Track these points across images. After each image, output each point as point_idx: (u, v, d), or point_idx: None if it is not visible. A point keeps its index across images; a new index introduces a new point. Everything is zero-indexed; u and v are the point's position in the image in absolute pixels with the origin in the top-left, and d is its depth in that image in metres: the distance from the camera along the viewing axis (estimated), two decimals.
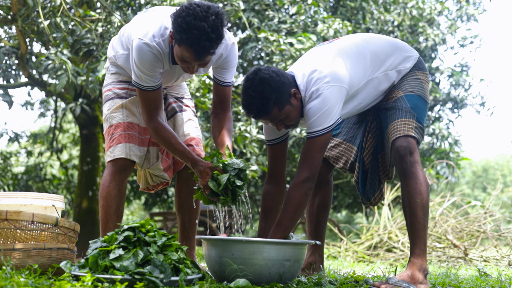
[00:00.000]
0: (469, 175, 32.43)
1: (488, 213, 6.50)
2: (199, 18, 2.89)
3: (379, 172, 3.59)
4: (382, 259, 6.14)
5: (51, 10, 6.33)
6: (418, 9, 10.71)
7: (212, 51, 2.99)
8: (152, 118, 3.32)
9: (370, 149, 3.55)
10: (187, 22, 2.90)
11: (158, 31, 3.18)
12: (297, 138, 7.84)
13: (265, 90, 3.08)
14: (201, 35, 2.90)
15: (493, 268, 4.76)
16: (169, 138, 3.31)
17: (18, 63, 7.28)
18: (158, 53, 3.18)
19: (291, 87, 3.18)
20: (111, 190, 3.45)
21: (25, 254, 2.90)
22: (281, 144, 3.47)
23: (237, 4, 7.35)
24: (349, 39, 3.45)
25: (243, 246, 2.86)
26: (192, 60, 3.04)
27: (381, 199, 3.66)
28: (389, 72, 3.38)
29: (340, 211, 14.38)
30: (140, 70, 3.20)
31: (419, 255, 3.16)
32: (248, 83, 3.12)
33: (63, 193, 13.03)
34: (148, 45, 3.15)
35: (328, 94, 3.14)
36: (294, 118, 3.24)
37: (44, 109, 13.23)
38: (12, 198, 3.41)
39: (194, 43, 2.93)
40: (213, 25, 2.92)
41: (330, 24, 7.89)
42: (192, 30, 2.90)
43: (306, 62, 3.32)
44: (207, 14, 2.91)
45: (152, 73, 3.22)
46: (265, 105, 3.10)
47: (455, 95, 11.98)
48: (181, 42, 2.97)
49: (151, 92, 3.27)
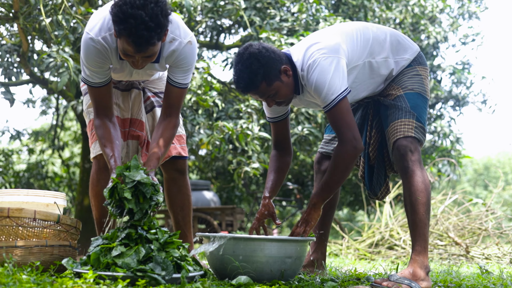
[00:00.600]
0: (471, 173, 32.42)
1: (489, 210, 6.50)
2: (136, 7, 2.70)
3: (385, 166, 3.59)
4: (384, 257, 6.14)
5: (53, 7, 6.33)
6: (420, 6, 10.70)
7: (153, 41, 2.79)
8: (97, 115, 3.21)
9: (375, 144, 3.55)
10: (123, 11, 2.71)
11: (106, 23, 3.02)
12: (299, 136, 7.84)
13: (253, 64, 3.08)
14: (138, 24, 2.71)
15: (495, 266, 4.76)
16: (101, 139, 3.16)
17: (19, 61, 7.28)
18: (103, 48, 3.03)
19: (281, 63, 3.17)
20: (100, 189, 3.43)
21: (27, 251, 2.91)
22: (283, 121, 3.50)
23: (238, 3, 7.34)
24: (350, 24, 3.46)
25: (244, 243, 2.87)
26: (133, 52, 2.85)
27: (387, 193, 3.66)
28: (389, 60, 3.37)
29: (341, 208, 14.39)
30: (85, 66, 3.08)
31: (421, 253, 3.16)
32: (238, 58, 3.13)
33: (65, 191, 13.04)
34: (92, 40, 3.00)
35: (326, 64, 3.13)
36: (284, 95, 3.23)
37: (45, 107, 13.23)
38: (14, 196, 3.42)
39: (131, 33, 2.74)
40: (152, 14, 2.72)
41: (332, 22, 7.88)
42: (129, 19, 2.70)
43: (303, 41, 3.34)
44: (145, 2, 2.72)
45: (97, 69, 3.09)
46: (252, 79, 3.09)
47: (457, 93, 11.98)
48: (120, 34, 2.78)
49: (97, 88, 3.16)
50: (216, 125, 6.82)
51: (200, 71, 6.86)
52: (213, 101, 7.08)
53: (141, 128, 3.52)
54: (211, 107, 7.17)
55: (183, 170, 3.69)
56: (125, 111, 3.51)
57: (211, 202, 10.59)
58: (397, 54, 3.41)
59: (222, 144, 6.85)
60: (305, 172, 12.80)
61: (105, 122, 3.20)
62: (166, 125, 3.24)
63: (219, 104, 7.22)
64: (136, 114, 3.54)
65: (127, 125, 3.50)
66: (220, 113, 7.85)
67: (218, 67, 7.71)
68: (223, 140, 6.82)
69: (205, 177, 13.51)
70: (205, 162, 10.34)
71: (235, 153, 8.14)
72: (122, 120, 3.49)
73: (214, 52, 10.68)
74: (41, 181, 12.49)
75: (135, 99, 3.54)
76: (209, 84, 6.88)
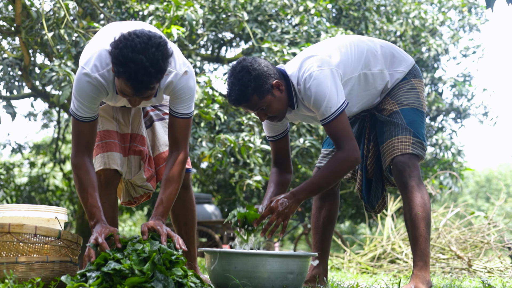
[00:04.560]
0: (472, 185, 32.35)
1: (491, 223, 6.47)
2: (137, 51, 2.66)
3: (383, 180, 3.59)
4: (386, 271, 6.11)
5: (55, 21, 6.35)
6: (421, 19, 10.73)
7: (152, 86, 2.76)
8: (77, 153, 3.08)
9: (373, 157, 3.55)
10: (124, 55, 2.66)
11: (104, 59, 2.94)
12: (300, 149, 7.84)
13: (245, 77, 3.12)
14: (138, 69, 2.67)
15: (497, 280, 4.74)
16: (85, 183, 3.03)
17: (21, 75, 7.30)
18: (99, 85, 2.97)
19: (274, 78, 3.20)
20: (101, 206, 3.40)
21: (28, 267, 2.90)
22: (282, 139, 3.53)
23: (241, 15, 7.37)
24: (344, 37, 3.49)
25: (246, 258, 2.86)
26: (131, 94, 2.82)
27: (384, 207, 3.67)
28: (384, 72, 3.39)
29: (343, 221, 14.35)
30: (77, 100, 2.99)
31: (422, 268, 3.15)
32: (231, 71, 3.18)
33: (66, 204, 13.02)
34: (88, 76, 2.94)
35: (322, 77, 3.16)
36: (276, 109, 3.25)
37: (47, 120, 13.24)
38: (15, 211, 3.40)
39: (131, 77, 2.70)
40: (153, 58, 2.68)
41: (333, 34, 7.90)
42: (129, 63, 2.66)
43: (298, 56, 3.38)
44: (147, 46, 2.68)
45: (89, 104, 3.01)
46: (243, 92, 3.13)
47: (458, 105, 11.98)
48: (119, 75, 2.74)
49: (86, 123, 3.06)
50: (218, 138, 6.82)
51: (202, 84, 6.87)
52: (215, 114, 7.09)
53: (142, 143, 3.50)
54: (213, 120, 7.17)
55: (186, 184, 3.65)
56: (124, 127, 3.47)
57: (212, 215, 10.56)
58: (391, 66, 3.42)
59: (224, 157, 6.85)
60: None
61: (87, 164, 3.07)
62: (173, 161, 3.16)
63: (221, 116, 7.23)
64: (137, 129, 3.51)
65: (127, 141, 3.47)
66: (222, 126, 7.86)
67: (220, 81, 7.72)
68: (225, 153, 6.82)
69: (207, 190, 13.48)
70: (207, 175, 10.33)
71: (237, 166, 8.13)
72: (122, 135, 3.45)
73: (216, 65, 10.70)
74: (42, 194, 12.47)
75: (135, 115, 3.51)
76: (211, 97, 6.89)
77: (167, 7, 6.61)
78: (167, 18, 6.55)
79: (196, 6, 6.70)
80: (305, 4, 8.31)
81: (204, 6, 7.45)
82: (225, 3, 7.47)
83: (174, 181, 3.12)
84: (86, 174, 3.05)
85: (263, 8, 8.15)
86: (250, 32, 7.46)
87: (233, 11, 7.42)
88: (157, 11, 6.81)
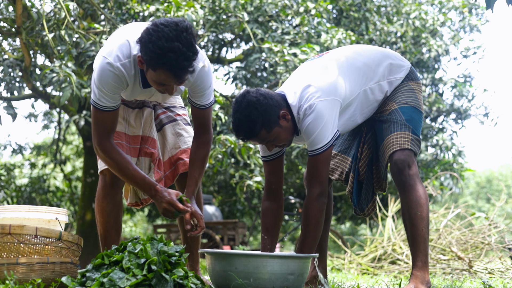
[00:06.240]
0: (473, 186, 32.35)
1: (492, 224, 6.47)
2: (171, 39, 2.74)
3: (373, 183, 3.59)
4: (386, 272, 6.11)
5: (56, 23, 6.36)
6: (421, 20, 10.73)
7: (192, 69, 2.86)
8: (102, 139, 3.15)
9: (365, 160, 3.55)
10: (160, 46, 2.74)
11: (125, 51, 3.01)
12: (301, 149, 7.84)
13: (252, 113, 3.08)
14: (178, 57, 2.75)
15: (498, 281, 4.73)
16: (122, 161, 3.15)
17: (22, 76, 7.31)
18: (121, 74, 3.01)
19: (280, 109, 3.18)
20: (105, 206, 3.39)
21: (28, 268, 2.90)
22: (277, 159, 3.46)
23: (241, 16, 7.37)
24: (340, 52, 3.46)
25: (246, 260, 2.86)
26: (171, 82, 2.90)
27: (373, 210, 3.67)
28: (382, 83, 3.38)
29: (343, 222, 14.35)
30: (99, 90, 3.04)
31: (421, 268, 3.15)
32: (236, 106, 3.14)
33: (67, 205, 13.03)
34: (111, 65, 2.98)
35: (322, 109, 3.14)
36: (284, 138, 3.25)
37: (47, 121, 13.26)
38: (16, 212, 3.40)
39: (173, 66, 2.79)
40: (187, 42, 2.77)
41: (333, 34, 7.91)
42: (167, 53, 2.74)
43: (297, 79, 3.33)
44: (177, 32, 2.75)
45: (112, 94, 3.06)
46: (252, 128, 3.11)
47: (459, 105, 11.98)
48: (158, 67, 2.82)
49: (108, 112, 3.11)
50: (218, 138, 6.82)
51: None
52: (216, 114, 7.09)
53: (153, 145, 3.49)
54: (214, 120, 7.17)
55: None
56: (135, 129, 3.48)
57: (213, 216, 10.57)
58: (389, 75, 3.42)
59: (225, 158, 6.85)
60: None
61: (114, 146, 3.17)
62: (201, 143, 3.34)
63: (221, 117, 7.23)
64: (148, 132, 3.51)
65: (137, 142, 3.47)
66: (223, 127, 7.86)
67: (220, 81, 7.72)
68: (226, 154, 6.82)
69: (207, 191, 13.49)
70: (207, 176, 10.33)
71: (238, 167, 8.14)
72: (131, 137, 3.46)
73: (216, 66, 10.72)
74: (43, 195, 12.48)
75: (147, 118, 3.52)
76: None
77: (168, 8, 6.62)
78: None
79: (197, 7, 6.71)
80: (306, 5, 8.32)
81: (205, 7, 7.45)
82: (226, 3, 7.47)
83: (203, 160, 3.33)
84: (119, 154, 3.15)
85: (264, 8, 8.16)
86: (250, 32, 7.47)
87: (233, 12, 7.42)
88: (158, 12, 6.82)
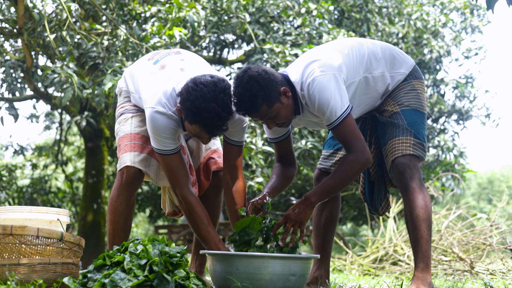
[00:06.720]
0: (475, 187, 32.31)
1: (494, 225, 6.46)
2: (208, 100, 2.91)
3: (385, 182, 3.58)
4: (388, 272, 6.10)
5: (57, 23, 6.36)
6: (423, 21, 10.73)
7: (225, 128, 3.04)
8: (183, 187, 3.27)
9: (375, 159, 3.54)
10: (197, 106, 2.92)
11: (171, 99, 3.14)
12: (303, 150, 7.83)
13: (253, 87, 3.06)
14: (213, 117, 2.93)
15: (500, 282, 4.73)
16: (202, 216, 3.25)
17: (23, 76, 7.32)
18: (175, 119, 3.15)
19: (281, 85, 3.16)
20: (118, 205, 3.38)
21: (30, 269, 2.90)
22: (285, 141, 3.48)
23: (243, 17, 7.37)
24: (344, 41, 3.46)
25: (248, 260, 2.85)
26: (205, 136, 3.09)
27: (387, 209, 3.65)
28: (385, 74, 3.37)
29: (345, 223, 14.34)
30: (159, 137, 3.17)
31: (424, 269, 3.15)
32: (237, 81, 3.11)
33: (68, 206, 13.03)
34: (163, 113, 3.12)
35: (325, 81, 3.12)
36: (284, 116, 3.21)
37: (49, 122, 13.27)
38: (17, 212, 3.41)
39: (207, 125, 2.97)
40: (223, 104, 2.95)
41: (335, 35, 7.90)
42: (203, 113, 2.92)
43: (299, 60, 3.33)
44: (215, 93, 2.93)
45: (172, 136, 3.19)
46: (253, 102, 3.07)
47: (460, 106, 11.97)
48: (193, 123, 2.99)
49: (173, 156, 3.23)
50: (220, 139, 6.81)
51: None
52: None
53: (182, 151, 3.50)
54: None
55: (220, 186, 3.68)
56: None
57: None
58: (392, 68, 3.40)
59: None
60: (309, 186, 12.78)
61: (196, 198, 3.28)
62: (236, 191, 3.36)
63: None
64: None
65: None
66: None
67: None
68: None
69: None
70: None
71: None
72: None
73: (218, 67, 10.71)
74: (45, 196, 12.48)
75: None
76: None
77: (169, 9, 6.62)
78: (169, 20, 6.56)
79: (198, 8, 6.71)
80: (307, 5, 8.31)
81: (206, 8, 7.46)
82: (227, 4, 7.47)
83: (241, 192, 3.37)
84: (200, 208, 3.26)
85: (265, 9, 8.15)
86: (252, 33, 7.47)
87: (235, 13, 7.42)
88: (159, 13, 6.82)
